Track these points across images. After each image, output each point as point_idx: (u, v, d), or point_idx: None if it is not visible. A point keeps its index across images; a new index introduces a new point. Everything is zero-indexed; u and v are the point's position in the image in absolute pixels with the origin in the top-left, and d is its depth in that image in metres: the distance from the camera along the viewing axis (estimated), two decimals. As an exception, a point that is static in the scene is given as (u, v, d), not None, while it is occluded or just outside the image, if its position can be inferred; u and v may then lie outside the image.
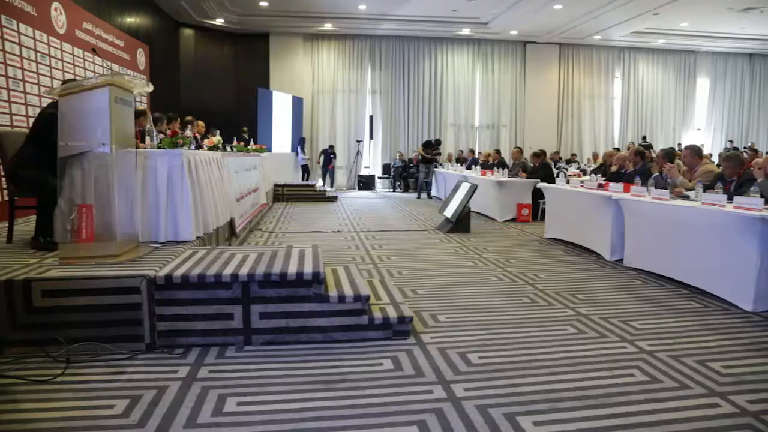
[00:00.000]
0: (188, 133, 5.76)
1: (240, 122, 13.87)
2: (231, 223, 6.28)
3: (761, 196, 4.32)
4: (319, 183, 15.37)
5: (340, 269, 4.07)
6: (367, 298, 3.38)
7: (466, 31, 15.79)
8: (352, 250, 6.44)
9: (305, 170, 15.69)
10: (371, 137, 16.72)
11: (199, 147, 6.52)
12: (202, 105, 14.08)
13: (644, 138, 16.92)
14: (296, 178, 15.16)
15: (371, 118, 16.63)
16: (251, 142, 10.34)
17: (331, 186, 15.35)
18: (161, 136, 5.27)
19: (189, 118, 8.28)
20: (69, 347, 2.99)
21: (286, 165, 14.76)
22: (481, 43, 16.78)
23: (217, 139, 6.89)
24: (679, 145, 15.53)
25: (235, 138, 10.54)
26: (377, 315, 3.39)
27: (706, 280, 4.59)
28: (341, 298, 3.33)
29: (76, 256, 3.48)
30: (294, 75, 16.08)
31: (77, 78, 7.40)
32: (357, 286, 3.53)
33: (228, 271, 3.27)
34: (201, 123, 9.03)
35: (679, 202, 4.93)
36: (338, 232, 7.87)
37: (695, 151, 6.00)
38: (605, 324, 3.77)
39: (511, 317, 3.90)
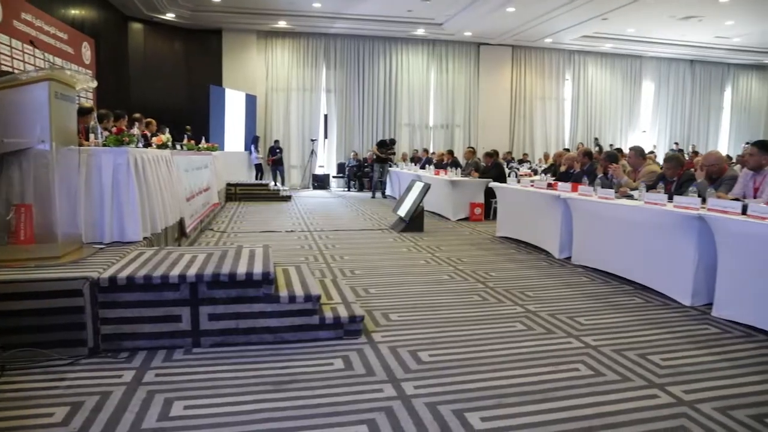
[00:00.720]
0: (135, 130, 5.60)
1: (192, 120, 13.57)
2: (181, 223, 6.15)
3: (699, 196, 4.51)
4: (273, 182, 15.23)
5: (292, 269, 4.04)
6: (318, 297, 3.37)
7: (421, 32, 15.89)
8: (305, 250, 6.40)
9: (259, 169, 15.50)
10: (326, 136, 16.64)
11: (147, 145, 6.35)
12: (152, 102, 13.71)
13: (596, 140, 17.40)
14: (250, 178, 14.95)
15: (326, 117, 16.55)
16: (203, 141, 10.13)
17: (282, 184, 15.20)
18: (106, 133, 5.11)
19: (137, 115, 8.04)
20: (4, 354, 2.87)
21: (239, 164, 14.54)
22: (436, 44, 16.92)
23: (166, 137, 6.73)
24: (611, 145, 16.03)
25: (186, 136, 10.32)
26: (328, 315, 3.39)
27: (648, 276, 4.76)
28: (292, 298, 3.31)
29: (15, 259, 3.33)
30: (247, 72, 15.84)
31: (15, 72, 7.09)
32: (308, 286, 3.51)
33: (176, 272, 3.20)
34: (151, 121, 8.80)
35: (624, 201, 5.10)
36: (291, 231, 7.81)
37: (639, 152, 6.21)
38: (553, 320, 3.86)
39: (461, 315, 3.95)
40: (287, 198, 12.66)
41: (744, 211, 3.85)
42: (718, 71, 19.22)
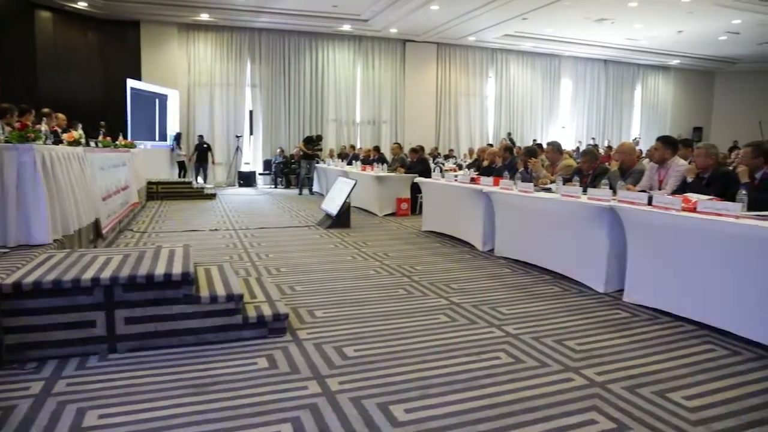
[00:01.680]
0: (43, 126, 5.28)
1: (109, 116, 12.96)
2: (96, 224, 5.87)
3: (610, 188, 4.76)
4: (199, 180, 14.80)
5: (214, 269, 3.95)
6: (241, 296, 3.31)
7: (347, 28, 15.85)
8: (229, 249, 6.27)
9: (182, 167, 15.01)
10: (251, 132, 16.32)
11: (58, 142, 6.01)
12: (64, 96, 12.96)
13: (509, 134, 17.95)
14: (172, 175, 14.46)
15: (251, 112, 16.22)
16: (120, 137, 9.69)
17: (205, 181, 14.80)
18: (9, 129, 4.79)
19: (46, 110, 7.59)
20: None
21: (161, 161, 14.03)
22: (362, 40, 16.93)
23: (78, 133, 6.39)
24: (534, 141, 16.68)
25: (101, 132, 9.84)
26: (252, 314, 3.33)
27: (565, 265, 4.98)
28: (213, 299, 3.23)
29: None
30: (168, 67, 15.27)
31: None
32: (230, 286, 3.44)
33: (88, 275, 3.05)
34: (61, 116, 8.32)
35: (542, 194, 5.30)
36: (216, 230, 7.62)
37: (556, 148, 6.47)
38: (475, 311, 3.97)
39: (386, 309, 3.99)
40: (212, 196, 12.34)
41: (649, 202, 4.10)
42: (629, 71, 20.30)
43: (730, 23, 14.31)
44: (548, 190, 5.48)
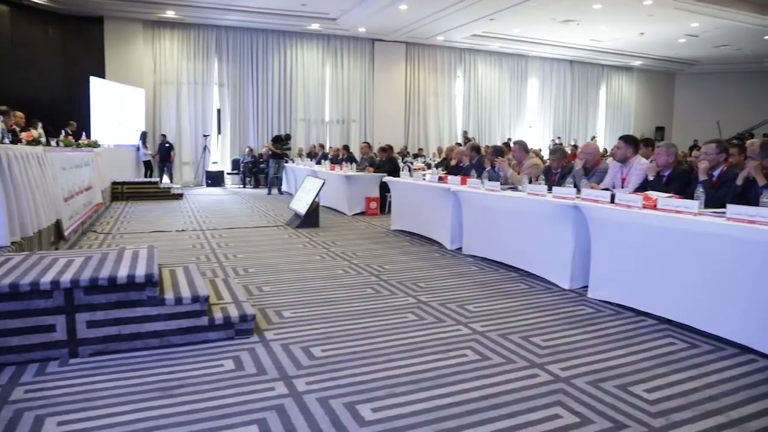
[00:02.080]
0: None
1: (72, 114, 12.62)
2: (57, 225, 5.73)
3: (574, 186, 4.84)
4: (165, 179, 14.55)
5: (179, 270, 3.89)
6: (207, 298, 3.27)
7: (315, 26, 15.78)
8: (196, 249, 6.18)
9: (148, 166, 14.73)
10: (219, 132, 16.13)
11: (16, 141, 5.85)
12: (22, 94, 12.54)
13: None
14: (138, 175, 14.18)
15: (219, 111, 16.03)
16: (82, 136, 9.47)
17: (170, 181, 14.57)
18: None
19: (3, 108, 7.37)
20: None
21: (126, 161, 13.74)
22: (331, 39, 16.87)
23: (37, 132, 6.22)
24: (509, 139, 16.92)
25: (63, 131, 9.59)
26: (218, 315, 3.30)
27: (532, 263, 5.05)
28: (178, 300, 3.19)
29: None
30: (133, 64, 14.97)
31: None
32: (196, 287, 3.39)
33: (48, 278, 2.97)
34: (19, 114, 8.09)
35: (509, 193, 5.36)
36: (182, 231, 7.51)
37: (522, 147, 6.56)
38: (443, 309, 4.00)
39: (354, 309, 3.99)
40: (179, 196, 12.15)
41: (612, 200, 4.18)
42: (593, 71, 20.68)
43: (689, 26, 14.71)
44: (514, 188, 5.55)
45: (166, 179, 14.66)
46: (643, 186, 4.86)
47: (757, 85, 20.22)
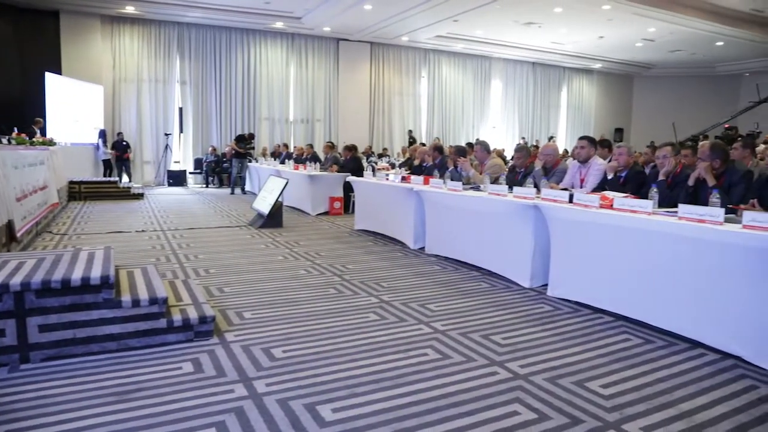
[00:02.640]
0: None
1: (27, 111, 12.22)
2: (9, 226, 5.54)
3: (534, 186, 4.93)
4: (125, 179, 14.21)
5: (137, 271, 3.81)
6: (165, 299, 3.21)
7: (279, 25, 15.65)
8: (156, 250, 6.07)
9: (107, 165, 14.37)
10: (181, 130, 15.83)
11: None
12: (-27, 90, 12.14)
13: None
14: (97, 174, 13.82)
15: (181, 110, 15.74)
16: (37, 134, 9.18)
17: (130, 180, 14.25)
18: None
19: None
20: None
21: (84, 160, 13.36)
22: (295, 38, 16.76)
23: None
24: (478, 140, 17.12)
25: (16, 129, 9.28)
26: (176, 317, 3.24)
27: (493, 262, 5.11)
28: (135, 302, 3.12)
29: None
30: (91, 61, 14.55)
31: None
32: (154, 288, 3.33)
33: (-3, 280, 2.88)
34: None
35: (470, 192, 5.41)
36: (142, 231, 7.36)
37: (484, 147, 6.64)
38: (405, 309, 4.02)
39: (316, 309, 3.98)
40: (139, 196, 11.89)
41: (571, 200, 4.27)
42: (555, 73, 21.06)
43: (646, 31, 15.11)
44: (476, 188, 5.61)
45: (125, 178, 14.33)
46: (602, 186, 4.99)
47: (710, 88, 20.92)
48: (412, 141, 16.31)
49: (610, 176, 4.95)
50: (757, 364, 3.04)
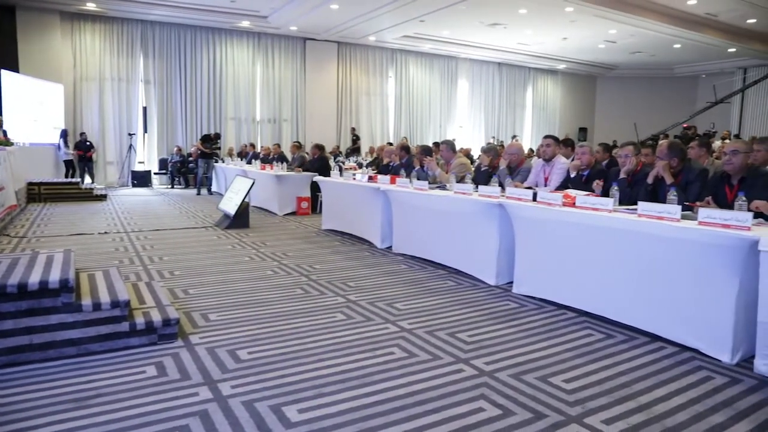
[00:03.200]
0: None
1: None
2: (-36, 229, 5.36)
3: (499, 184, 4.99)
4: (87, 180, 13.88)
5: (99, 274, 3.73)
6: (127, 302, 3.15)
7: (245, 24, 15.47)
8: (119, 252, 5.95)
9: (69, 166, 14.00)
10: (145, 130, 15.52)
11: None
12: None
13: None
14: (58, 175, 13.46)
15: (145, 109, 15.43)
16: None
17: (93, 181, 13.93)
18: None
19: None
20: None
21: (44, 160, 12.99)
22: (262, 37, 16.60)
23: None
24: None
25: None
26: (139, 320, 3.18)
27: (459, 260, 5.16)
28: (96, 306, 3.06)
29: None
30: (50, 58, 14.13)
31: None
32: (116, 291, 3.27)
33: (-51, 285, 2.79)
34: None
35: (436, 192, 5.45)
36: (105, 233, 7.20)
37: (450, 146, 6.68)
38: (372, 308, 4.02)
39: (283, 310, 3.95)
40: (102, 197, 11.62)
41: (534, 199, 4.33)
42: (521, 74, 21.32)
43: (608, 33, 15.43)
44: (442, 187, 5.65)
45: (87, 179, 14.00)
46: (565, 184, 5.08)
47: (669, 89, 21.50)
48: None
49: (572, 175, 5.05)
50: (712, 355, 3.14)
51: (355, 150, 16.19)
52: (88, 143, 14.09)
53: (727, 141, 12.31)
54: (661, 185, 4.27)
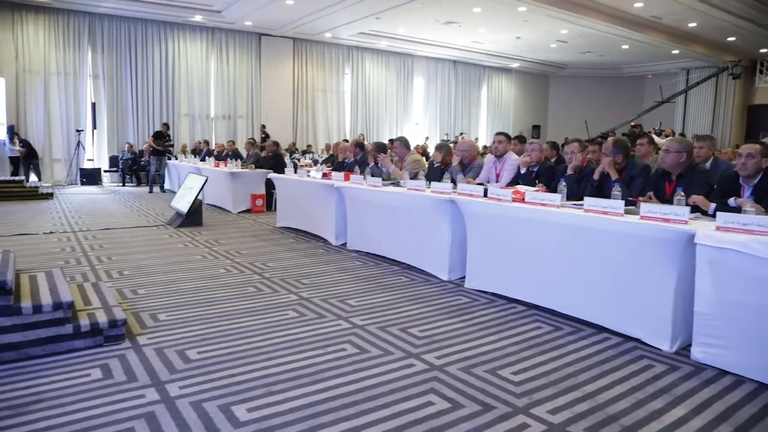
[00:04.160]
0: None
1: None
2: None
3: (451, 180, 5.04)
4: (33, 178, 13.36)
5: (41, 275, 3.61)
6: (70, 304, 3.06)
7: (198, 18, 15.16)
8: (66, 253, 5.76)
9: (14, 163, 13.44)
10: (95, 126, 15.05)
11: None
12: None
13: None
14: (4, 173, 12.91)
15: (93, 105, 14.95)
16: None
17: (39, 179, 13.42)
18: None
19: None
20: None
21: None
22: (216, 32, 16.29)
23: None
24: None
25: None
26: (84, 322, 3.10)
27: (413, 256, 5.20)
28: (37, 308, 2.96)
29: None
30: (-10, 51, 13.59)
31: None
32: (58, 293, 3.16)
33: None
34: None
35: (390, 188, 5.47)
36: (51, 233, 6.96)
37: (404, 143, 6.71)
38: (325, 305, 4.02)
39: (235, 308, 3.91)
40: (48, 195, 11.23)
41: (485, 194, 4.40)
42: (476, 72, 21.59)
43: (559, 33, 15.78)
44: (396, 184, 5.67)
45: (33, 177, 13.48)
46: (515, 180, 5.17)
47: (618, 88, 22.17)
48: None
49: (523, 171, 5.15)
50: (653, 344, 3.26)
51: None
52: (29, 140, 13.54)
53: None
54: (606, 181, 4.40)
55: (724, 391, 2.73)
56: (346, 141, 12.43)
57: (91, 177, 14.79)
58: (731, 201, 3.57)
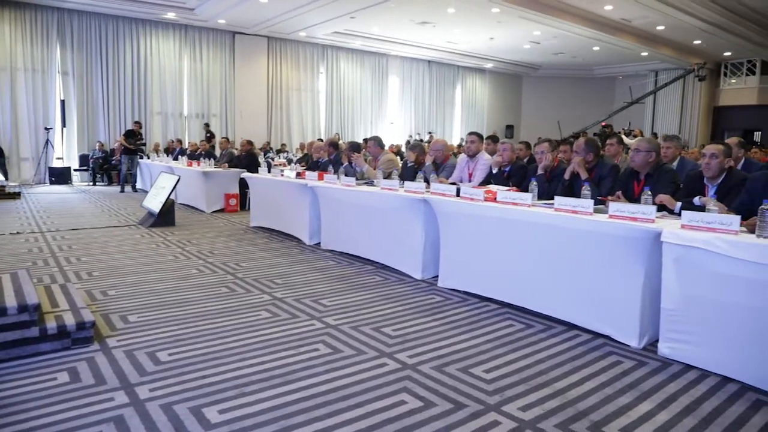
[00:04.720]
0: None
1: None
2: None
3: (424, 180, 5.07)
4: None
5: (5, 277, 3.52)
6: (36, 306, 3.00)
7: (171, 15, 14.95)
8: (33, 254, 5.64)
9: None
10: (64, 125, 14.73)
11: None
12: None
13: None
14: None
15: (63, 102, 14.64)
16: None
17: (6, 178, 13.10)
18: None
19: None
20: None
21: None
22: (189, 30, 16.09)
23: None
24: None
25: None
26: (51, 324, 3.04)
27: (387, 256, 5.21)
28: (1, 311, 2.89)
29: None
30: (-47, 46, 13.22)
31: None
32: (24, 295, 3.10)
33: None
34: None
35: (363, 187, 5.47)
36: (18, 233, 6.80)
37: (378, 142, 6.73)
38: (298, 305, 4.01)
39: (206, 309, 3.87)
40: (16, 195, 10.97)
41: (458, 194, 4.43)
42: (450, 71, 21.70)
43: (532, 34, 15.96)
44: (370, 183, 5.68)
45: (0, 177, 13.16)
46: (488, 180, 5.22)
47: (590, 89, 22.55)
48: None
49: (495, 171, 5.20)
50: (622, 341, 3.33)
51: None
52: None
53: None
54: (577, 180, 4.47)
55: (689, 385, 2.80)
56: (321, 140, 12.38)
57: (60, 176, 14.48)
58: (696, 200, 3.66)
